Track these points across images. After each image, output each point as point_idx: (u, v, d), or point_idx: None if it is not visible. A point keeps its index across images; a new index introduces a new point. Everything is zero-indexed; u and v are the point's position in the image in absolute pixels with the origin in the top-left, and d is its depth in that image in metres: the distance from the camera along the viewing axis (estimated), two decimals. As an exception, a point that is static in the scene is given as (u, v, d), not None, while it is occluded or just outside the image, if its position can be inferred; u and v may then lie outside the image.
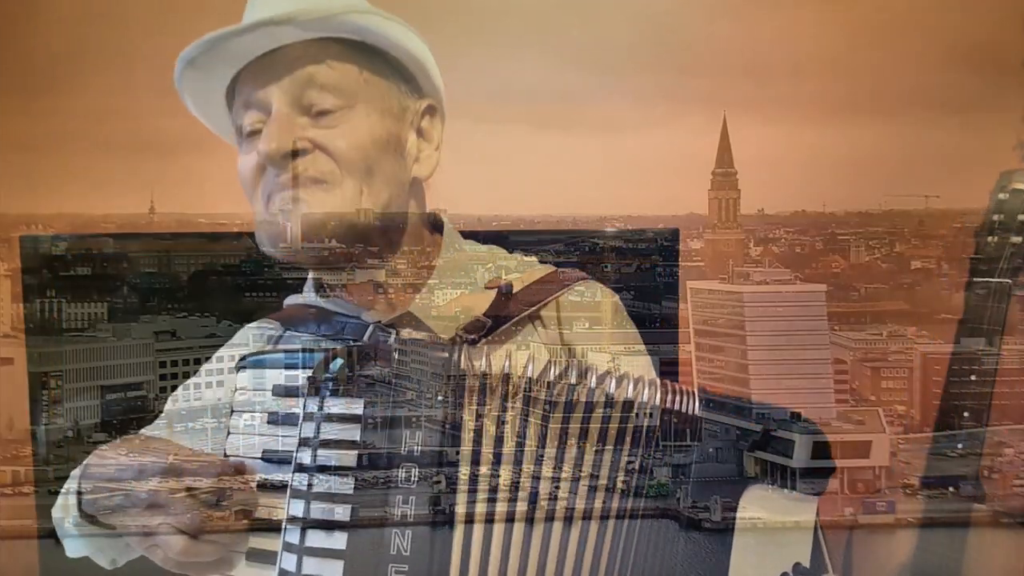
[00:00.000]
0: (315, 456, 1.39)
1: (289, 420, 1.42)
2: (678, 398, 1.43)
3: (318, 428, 1.40)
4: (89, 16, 2.87)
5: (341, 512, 1.36)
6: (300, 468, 1.40)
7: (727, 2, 3.17)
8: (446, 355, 1.40)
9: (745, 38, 3.21)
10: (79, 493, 1.50)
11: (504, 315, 1.53)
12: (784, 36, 3.26)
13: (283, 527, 1.38)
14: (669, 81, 3.28)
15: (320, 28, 1.60)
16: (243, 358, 1.49)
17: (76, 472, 1.55)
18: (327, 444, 1.38)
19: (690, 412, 1.42)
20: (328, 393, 1.39)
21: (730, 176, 3.92)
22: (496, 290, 1.57)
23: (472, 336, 1.44)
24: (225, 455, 1.45)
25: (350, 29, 1.62)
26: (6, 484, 2.81)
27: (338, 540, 1.36)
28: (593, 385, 1.41)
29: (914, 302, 4.02)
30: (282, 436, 1.42)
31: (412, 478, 1.36)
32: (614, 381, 1.42)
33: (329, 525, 1.36)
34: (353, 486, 1.35)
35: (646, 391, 1.42)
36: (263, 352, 1.50)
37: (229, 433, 1.46)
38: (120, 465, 1.45)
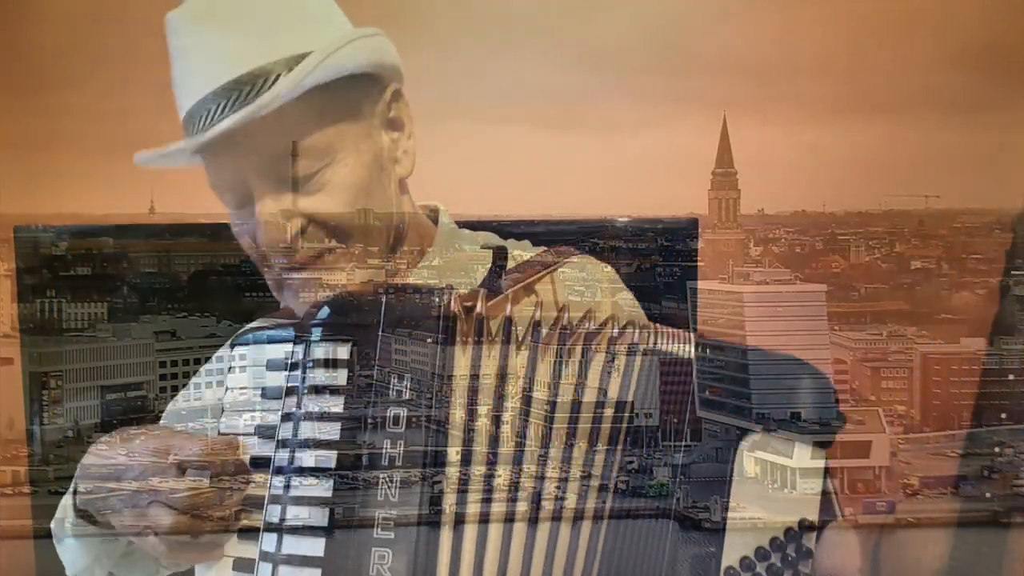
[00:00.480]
0: (300, 402, 1.35)
1: (280, 394, 1.39)
2: (672, 343, 1.41)
3: (304, 375, 1.36)
4: (88, 15, 2.87)
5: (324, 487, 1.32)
6: (287, 417, 1.36)
7: (727, 2, 3.17)
8: (436, 299, 1.36)
9: (745, 38, 3.21)
10: (75, 492, 1.49)
11: (497, 288, 1.49)
12: (784, 36, 3.26)
13: (268, 489, 1.35)
14: (669, 81, 3.28)
15: (295, 91, 1.50)
16: (237, 336, 1.46)
17: (76, 474, 1.54)
18: (315, 390, 1.34)
19: (685, 355, 1.40)
20: (316, 339, 1.35)
21: (730, 176, 3.92)
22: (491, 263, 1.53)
23: (468, 303, 1.40)
24: (220, 433, 1.43)
25: (331, 74, 1.53)
26: (6, 484, 2.80)
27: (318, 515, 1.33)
28: (594, 326, 1.38)
29: (914, 302, 4.02)
30: (275, 411, 1.39)
31: (400, 422, 1.31)
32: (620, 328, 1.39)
33: (311, 500, 1.33)
34: (338, 435, 1.32)
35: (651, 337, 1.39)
36: (257, 328, 1.48)
37: (223, 411, 1.44)
38: (118, 464, 1.43)
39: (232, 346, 1.47)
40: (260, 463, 1.39)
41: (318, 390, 1.35)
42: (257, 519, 1.36)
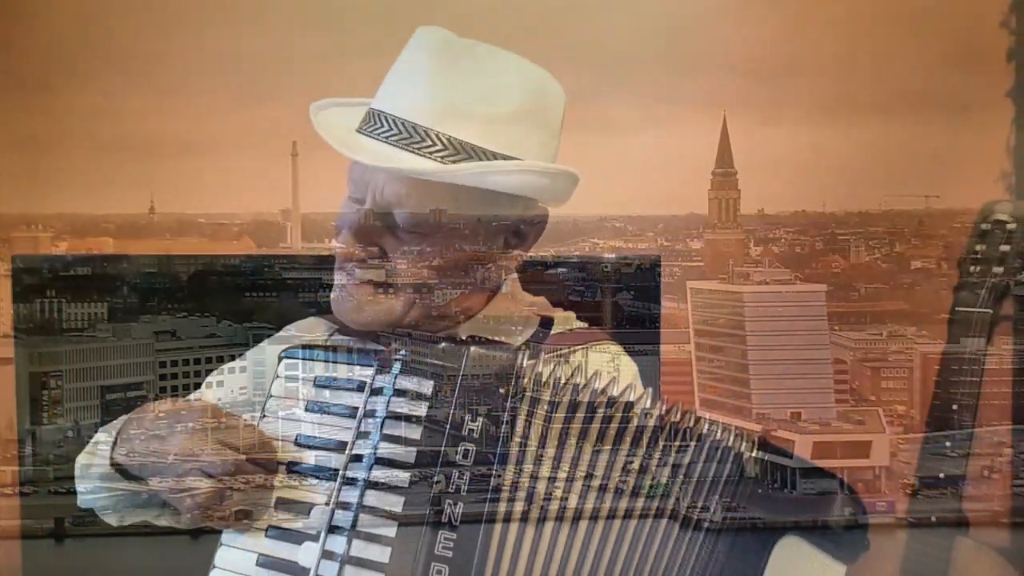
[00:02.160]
0: (381, 426, 1.42)
1: (327, 410, 1.45)
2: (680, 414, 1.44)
3: (388, 403, 1.42)
4: (89, 16, 2.87)
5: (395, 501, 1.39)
6: (363, 435, 1.43)
7: (727, 3, 3.18)
8: (508, 357, 1.43)
9: (745, 38, 3.22)
10: (114, 445, 1.51)
11: (538, 350, 1.55)
12: (784, 36, 3.26)
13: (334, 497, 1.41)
14: (669, 81, 3.28)
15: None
16: (287, 348, 1.50)
17: (114, 424, 1.56)
18: (396, 416, 1.41)
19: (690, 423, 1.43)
20: (399, 371, 1.43)
21: (730, 176, 3.92)
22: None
23: (532, 362, 1.45)
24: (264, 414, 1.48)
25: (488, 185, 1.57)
26: (6, 484, 2.81)
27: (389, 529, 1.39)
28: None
29: (914, 302, 4.02)
30: (318, 424, 1.45)
31: (469, 455, 1.39)
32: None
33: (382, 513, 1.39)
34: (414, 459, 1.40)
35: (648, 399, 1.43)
36: (310, 345, 1.51)
37: (263, 416, 1.47)
38: (161, 435, 1.46)
39: (280, 358, 1.50)
40: (299, 470, 1.44)
41: (399, 417, 1.42)
42: (285, 519, 1.41)
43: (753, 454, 1.42)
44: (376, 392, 1.44)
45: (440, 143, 1.53)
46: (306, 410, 1.47)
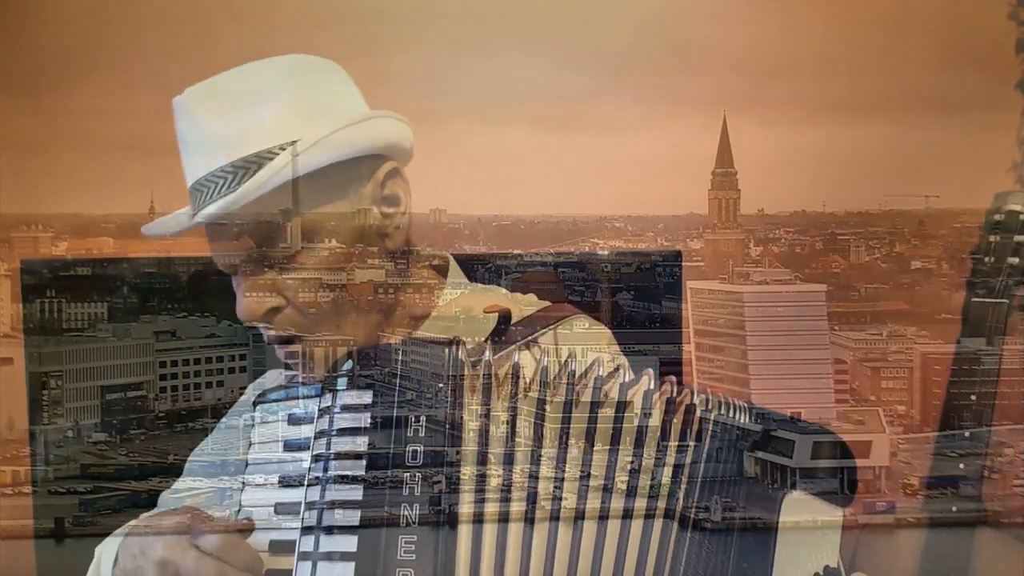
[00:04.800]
0: (330, 443, 1.45)
1: (304, 445, 1.48)
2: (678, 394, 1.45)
3: (331, 420, 1.45)
4: (89, 16, 2.87)
5: (349, 516, 1.41)
6: (316, 458, 1.45)
7: (727, 3, 3.18)
8: (445, 351, 1.44)
9: (745, 38, 3.22)
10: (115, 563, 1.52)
11: (502, 341, 1.57)
12: (784, 36, 3.26)
13: (299, 526, 1.42)
14: (669, 81, 3.28)
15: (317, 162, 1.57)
16: (255, 402, 1.53)
17: (114, 541, 1.56)
18: (342, 432, 1.44)
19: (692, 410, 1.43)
20: (342, 388, 1.46)
21: (730, 176, 3.92)
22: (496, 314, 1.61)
23: (473, 359, 1.46)
24: (240, 507, 1.49)
25: (313, 164, 1.58)
26: (6, 484, 2.80)
27: (349, 542, 1.41)
28: (599, 383, 1.44)
29: (914, 302, 4.03)
30: (296, 462, 1.48)
31: (415, 477, 1.42)
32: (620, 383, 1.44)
33: (340, 529, 1.41)
34: (363, 481, 1.42)
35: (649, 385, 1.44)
36: (277, 389, 1.55)
37: (244, 486, 1.50)
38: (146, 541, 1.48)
39: (254, 405, 1.53)
40: (286, 509, 1.46)
41: (345, 431, 1.45)
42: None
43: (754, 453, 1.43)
44: (324, 413, 1.46)
45: (223, 176, 1.58)
46: (285, 448, 1.49)
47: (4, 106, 2.71)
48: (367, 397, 1.44)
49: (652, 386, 1.42)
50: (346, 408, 1.44)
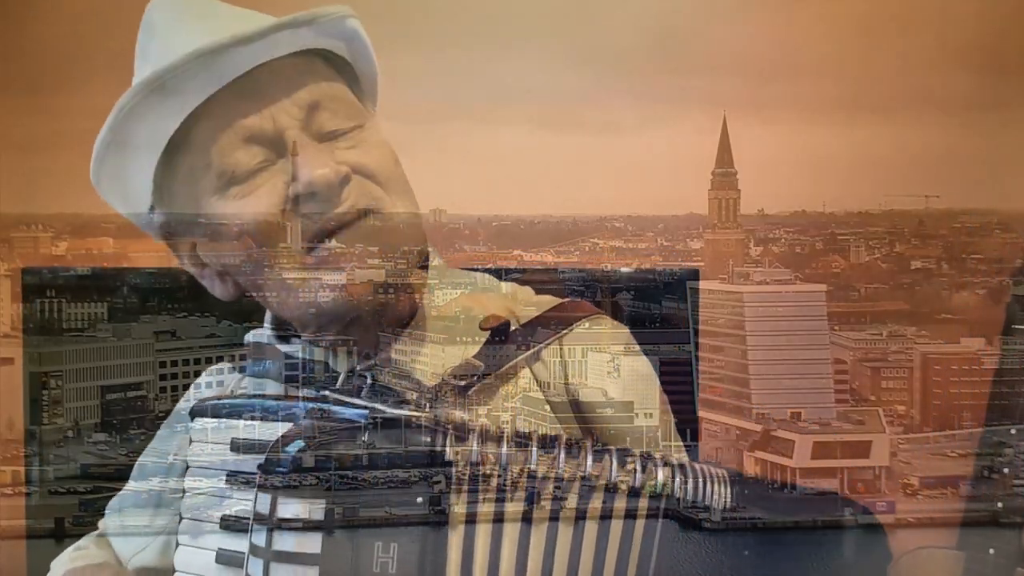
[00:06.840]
0: (268, 569, 1.15)
1: (249, 483, 1.24)
2: (707, 486, 1.26)
3: (270, 538, 1.15)
4: (89, 16, 2.87)
5: None
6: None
7: (728, 3, 3.18)
8: (428, 439, 1.15)
9: (745, 38, 3.22)
10: None
11: (500, 356, 1.37)
12: (784, 36, 3.26)
13: None
14: (669, 81, 3.28)
15: (318, 34, 1.44)
16: (197, 404, 1.35)
17: None
18: (279, 557, 1.13)
19: (718, 502, 1.28)
20: (282, 486, 1.14)
21: (730, 176, 3.92)
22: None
23: (462, 382, 1.27)
24: (180, 518, 1.33)
25: (347, 34, 1.48)
26: (6, 484, 2.80)
27: None
28: (613, 476, 1.21)
29: (914, 302, 4.03)
30: (239, 502, 1.24)
31: None
32: (638, 471, 1.23)
33: None
34: None
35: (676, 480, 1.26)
36: (220, 398, 1.37)
37: (184, 493, 1.32)
38: None
39: (192, 415, 1.35)
40: (227, 559, 1.25)
41: (287, 557, 1.14)
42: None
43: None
44: (260, 519, 1.18)
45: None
46: (227, 482, 1.26)
47: (4, 106, 2.71)
48: (318, 511, 1.10)
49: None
50: (288, 523, 1.12)
